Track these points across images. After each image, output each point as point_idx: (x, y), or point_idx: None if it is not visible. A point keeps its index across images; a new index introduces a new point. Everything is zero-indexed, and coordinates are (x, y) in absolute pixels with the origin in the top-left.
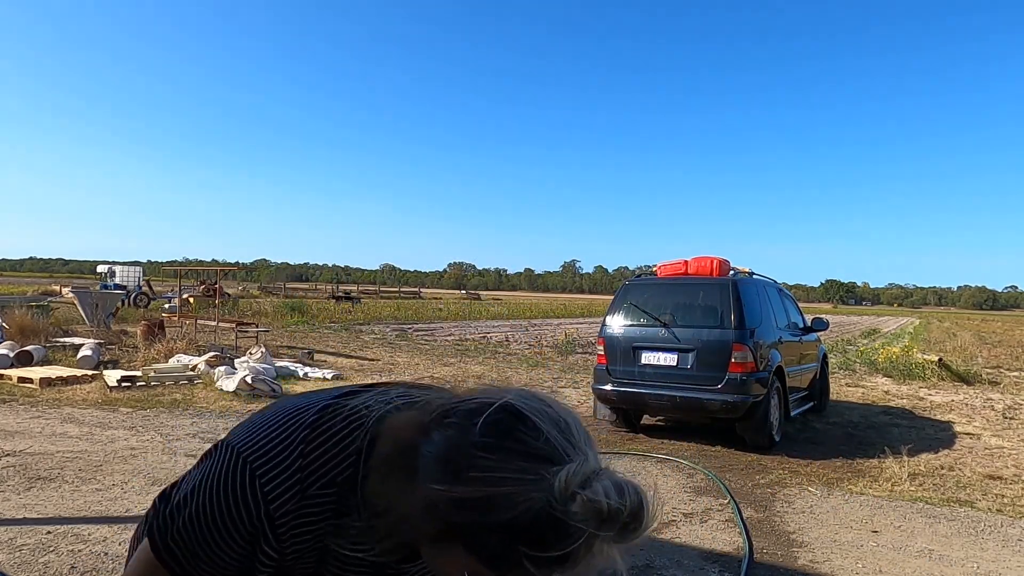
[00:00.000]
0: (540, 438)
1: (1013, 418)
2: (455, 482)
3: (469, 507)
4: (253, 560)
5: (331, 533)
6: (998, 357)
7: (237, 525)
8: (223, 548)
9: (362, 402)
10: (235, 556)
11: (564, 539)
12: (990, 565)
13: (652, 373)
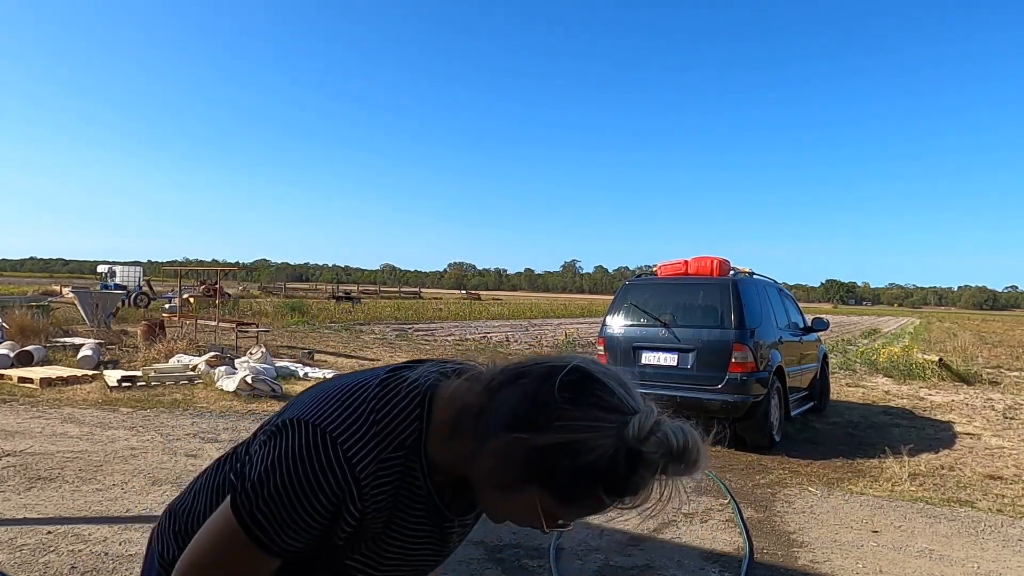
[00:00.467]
0: (611, 394)
1: (1013, 418)
2: (540, 431)
3: (553, 452)
4: (336, 525)
5: (401, 493)
6: (998, 357)
7: (325, 490)
8: (311, 514)
9: (416, 374)
10: (320, 522)
11: (637, 474)
12: (990, 565)
13: (652, 373)
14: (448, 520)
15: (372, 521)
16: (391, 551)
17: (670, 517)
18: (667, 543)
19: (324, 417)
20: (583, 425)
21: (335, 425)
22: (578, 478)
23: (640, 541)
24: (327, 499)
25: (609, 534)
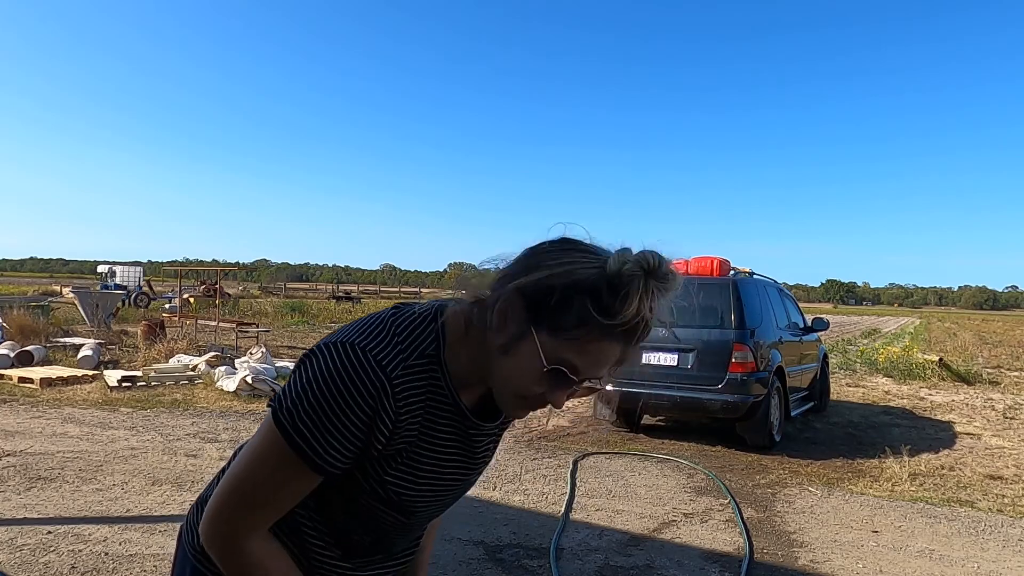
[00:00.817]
0: (592, 244)
1: (1013, 418)
2: (533, 272)
3: (546, 285)
4: (372, 434)
5: (430, 402)
6: (998, 357)
7: (362, 392)
8: (351, 419)
9: (424, 303)
10: (360, 427)
11: (622, 293)
12: (991, 565)
13: (652, 373)
14: (474, 426)
15: (406, 429)
16: (424, 465)
17: (670, 517)
18: (667, 543)
19: (348, 337)
20: (570, 259)
21: (361, 340)
22: (569, 302)
23: (640, 541)
24: (364, 402)
25: (609, 534)
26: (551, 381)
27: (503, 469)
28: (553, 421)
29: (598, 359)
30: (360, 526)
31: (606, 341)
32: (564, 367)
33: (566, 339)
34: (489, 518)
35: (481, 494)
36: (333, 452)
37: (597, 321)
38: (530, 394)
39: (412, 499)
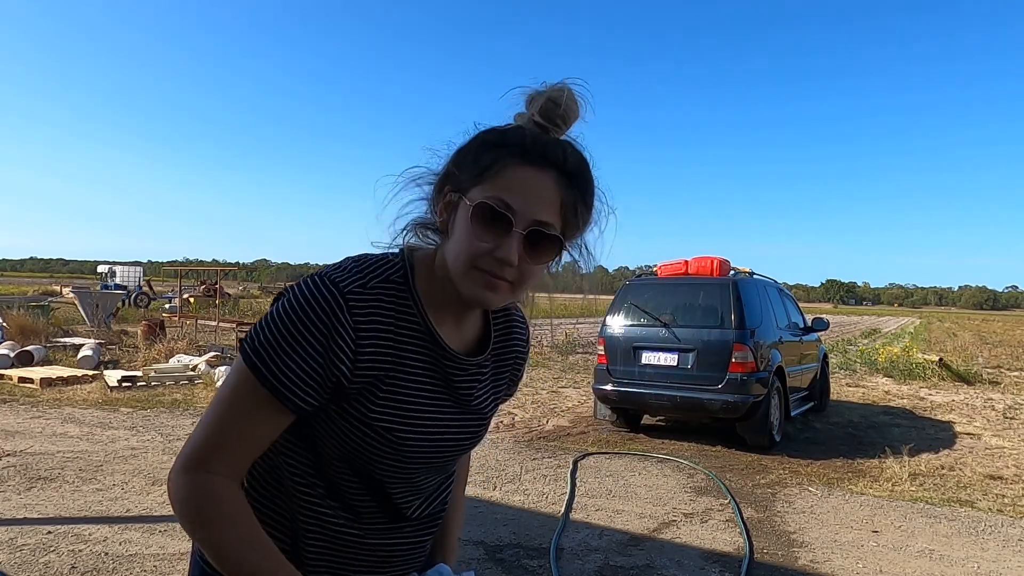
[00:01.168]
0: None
1: (1014, 418)
2: (463, 145)
3: (461, 155)
4: (331, 357)
5: (401, 329)
6: (998, 357)
7: (317, 311)
8: (307, 340)
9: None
10: (317, 349)
11: (518, 120)
12: (991, 565)
13: (652, 373)
14: (448, 357)
15: (375, 355)
16: (406, 397)
17: (670, 517)
18: (667, 543)
19: (312, 275)
20: (490, 129)
21: (325, 271)
22: (481, 151)
23: (640, 541)
24: (318, 319)
25: (609, 534)
26: (489, 226)
27: (503, 469)
28: (553, 421)
29: (524, 190)
30: (358, 477)
31: (522, 167)
32: (491, 202)
33: (488, 181)
34: (489, 518)
35: (481, 494)
36: (294, 378)
37: (504, 149)
38: (479, 253)
39: (401, 435)
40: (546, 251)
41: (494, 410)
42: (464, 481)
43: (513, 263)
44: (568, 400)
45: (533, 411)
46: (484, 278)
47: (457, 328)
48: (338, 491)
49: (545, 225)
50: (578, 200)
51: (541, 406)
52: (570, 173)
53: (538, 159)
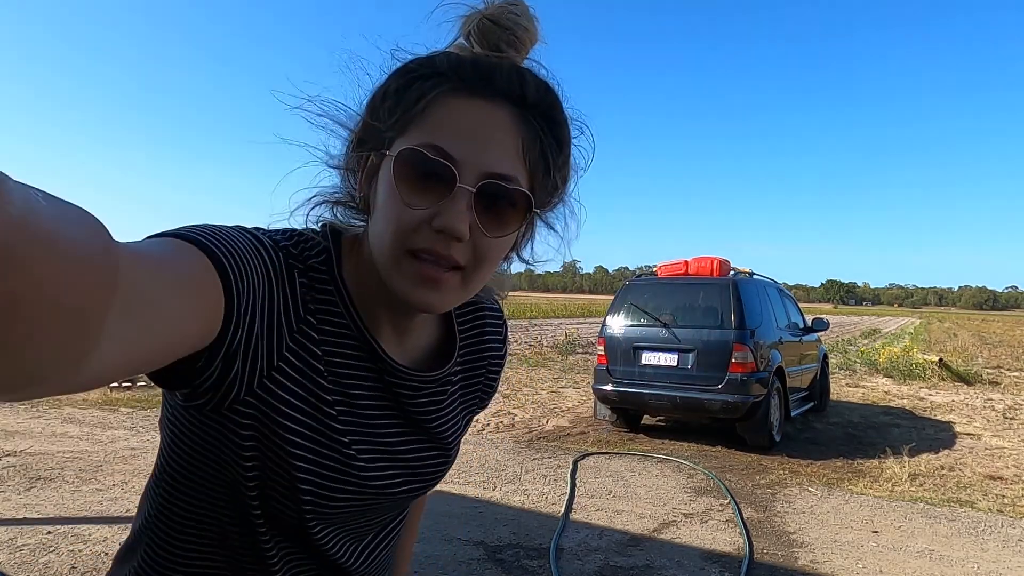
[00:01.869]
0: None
1: (1013, 418)
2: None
3: (369, 102)
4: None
5: (327, 335)
6: (998, 357)
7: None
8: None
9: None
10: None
11: (444, 47)
12: (990, 565)
13: (652, 373)
14: (396, 375)
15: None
16: (358, 433)
17: (670, 518)
18: (667, 543)
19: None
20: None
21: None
22: (400, 92)
23: (640, 541)
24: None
25: (609, 534)
26: (421, 184)
27: (503, 469)
28: (553, 422)
29: (467, 129)
30: (267, 524)
31: (460, 100)
32: (422, 149)
33: (415, 126)
34: (489, 518)
35: (481, 494)
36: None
37: (433, 80)
38: (410, 225)
39: (315, 479)
40: (509, 215)
41: (463, 433)
42: (416, 524)
43: (462, 234)
44: (568, 400)
45: (533, 411)
46: (421, 269)
47: (404, 333)
48: (226, 540)
49: (503, 178)
50: (546, 141)
51: (541, 406)
52: (531, 104)
53: (482, 87)
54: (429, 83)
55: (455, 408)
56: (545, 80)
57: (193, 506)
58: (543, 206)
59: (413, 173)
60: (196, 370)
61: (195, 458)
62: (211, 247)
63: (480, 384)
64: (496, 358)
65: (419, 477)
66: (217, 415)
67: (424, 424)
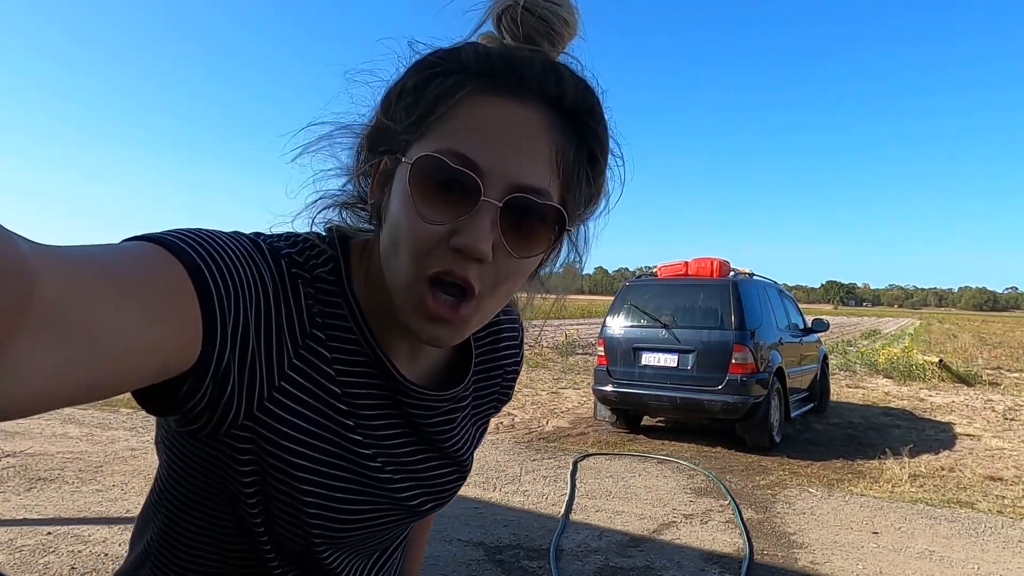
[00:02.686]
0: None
1: (1013, 419)
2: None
3: (384, 100)
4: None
5: (336, 354)
6: (998, 358)
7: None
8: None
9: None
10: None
11: (465, 38)
12: (991, 566)
13: (652, 374)
14: (409, 395)
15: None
16: (377, 447)
17: (670, 518)
18: (667, 544)
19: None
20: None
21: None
22: (418, 88)
23: (640, 542)
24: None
25: (609, 535)
26: (440, 195)
27: (503, 470)
28: (553, 422)
29: (495, 134)
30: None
31: (487, 100)
32: (442, 156)
33: (435, 128)
34: (489, 519)
35: (481, 495)
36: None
37: (456, 76)
38: (426, 243)
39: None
40: (538, 233)
41: (478, 444)
42: (426, 537)
43: (484, 255)
44: (568, 401)
45: (533, 412)
46: (431, 305)
47: (417, 349)
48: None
49: (534, 191)
50: (583, 153)
51: (541, 407)
52: (568, 107)
53: (512, 86)
54: (451, 80)
55: (467, 423)
56: (584, 79)
57: (196, 533)
58: (574, 222)
59: (432, 183)
60: (180, 396)
61: (195, 484)
62: (188, 254)
63: (495, 394)
64: (512, 365)
65: (437, 492)
66: (214, 440)
67: (438, 443)
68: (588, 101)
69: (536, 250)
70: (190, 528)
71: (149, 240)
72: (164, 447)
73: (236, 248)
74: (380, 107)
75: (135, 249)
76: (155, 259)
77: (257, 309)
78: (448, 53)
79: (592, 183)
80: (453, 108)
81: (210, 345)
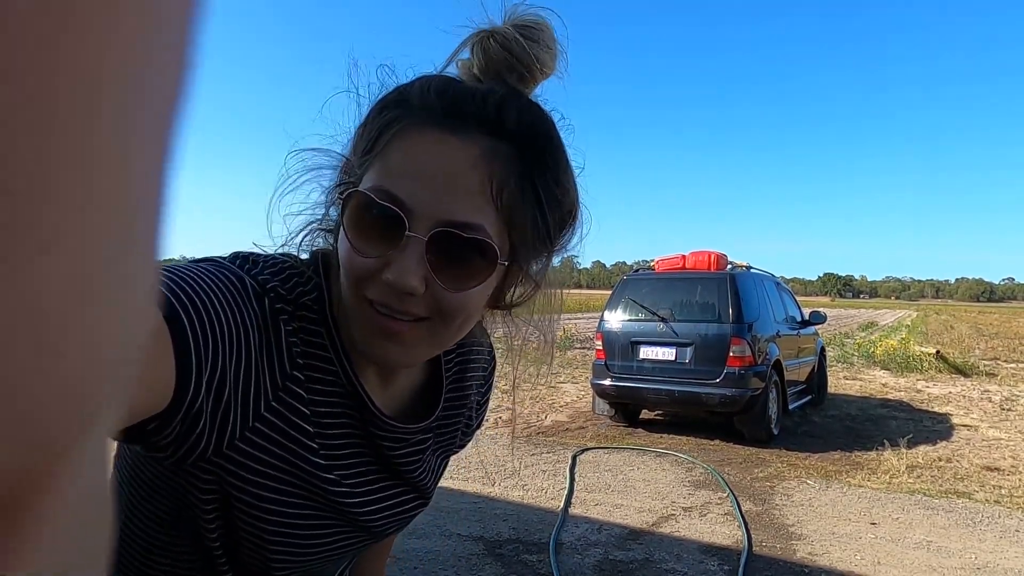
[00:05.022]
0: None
1: (1010, 410)
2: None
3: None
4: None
5: (312, 383)
6: (995, 349)
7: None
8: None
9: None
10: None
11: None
12: (988, 556)
13: (650, 368)
14: (382, 427)
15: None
16: (343, 490)
17: (669, 511)
18: (666, 537)
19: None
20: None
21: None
22: (383, 108)
23: (639, 535)
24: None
25: (608, 528)
26: (370, 232)
27: (502, 464)
28: (552, 417)
29: (421, 167)
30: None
31: (421, 132)
32: (370, 193)
33: (376, 163)
34: (488, 513)
35: (480, 490)
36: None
37: (399, 110)
38: (361, 276)
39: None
40: (474, 266)
41: (440, 477)
42: (389, 544)
43: (412, 289)
44: (566, 395)
45: (531, 407)
46: (377, 320)
47: (388, 379)
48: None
49: (462, 226)
50: (528, 180)
51: (539, 401)
52: (510, 133)
53: (451, 117)
54: (392, 114)
55: (432, 454)
56: (533, 105)
57: (151, 557)
58: (528, 254)
59: (364, 219)
60: (147, 432)
61: (153, 507)
62: (169, 301)
63: (459, 428)
64: (480, 394)
65: (399, 517)
66: (177, 467)
67: (404, 474)
68: (534, 124)
69: (471, 283)
70: (143, 550)
71: None
72: (121, 465)
73: (217, 289)
74: (352, 140)
75: None
76: None
77: (237, 357)
78: (401, 88)
79: (548, 211)
80: (390, 142)
81: (182, 392)
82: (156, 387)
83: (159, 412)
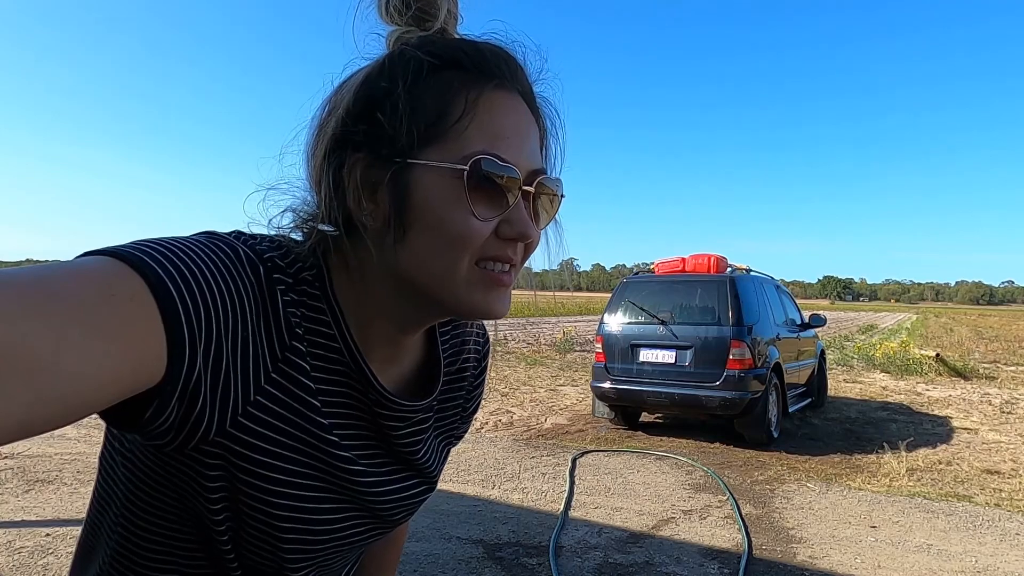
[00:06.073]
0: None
1: (1010, 412)
2: (333, 115)
3: (362, 100)
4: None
5: (313, 359)
6: (995, 352)
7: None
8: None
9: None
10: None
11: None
12: (988, 559)
13: (650, 370)
14: (385, 406)
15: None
16: (342, 468)
17: (669, 514)
18: (666, 540)
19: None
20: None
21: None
22: (434, 72)
23: (639, 538)
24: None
25: (608, 531)
26: (489, 193)
27: (502, 467)
28: (552, 419)
29: (510, 128)
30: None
31: (494, 95)
32: (491, 156)
33: (457, 130)
34: (488, 516)
35: (480, 492)
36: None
37: (464, 73)
38: (484, 235)
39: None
40: (551, 206)
41: (443, 464)
42: (399, 551)
43: (535, 238)
44: (566, 398)
45: (531, 409)
46: (494, 277)
47: (393, 359)
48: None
49: (544, 172)
50: (549, 128)
51: (539, 404)
52: (533, 91)
53: (507, 77)
54: (459, 77)
55: (433, 436)
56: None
57: (155, 557)
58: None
59: (484, 183)
60: (145, 418)
61: (156, 503)
62: (151, 266)
63: (459, 408)
64: (475, 374)
65: (406, 502)
66: (179, 455)
67: (406, 456)
68: (535, 83)
69: (549, 220)
70: (148, 552)
71: (107, 254)
72: (120, 462)
73: (209, 257)
74: (360, 115)
75: (88, 266)
76: (109, 276)
77: (234, 325)
78: (446, 52)
79: (558, 156)
80: (473, 106)
81: (176, 366)
82: (141, 356)
83: (155, 388)
